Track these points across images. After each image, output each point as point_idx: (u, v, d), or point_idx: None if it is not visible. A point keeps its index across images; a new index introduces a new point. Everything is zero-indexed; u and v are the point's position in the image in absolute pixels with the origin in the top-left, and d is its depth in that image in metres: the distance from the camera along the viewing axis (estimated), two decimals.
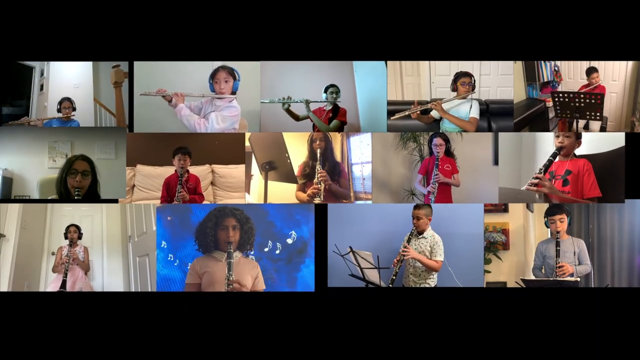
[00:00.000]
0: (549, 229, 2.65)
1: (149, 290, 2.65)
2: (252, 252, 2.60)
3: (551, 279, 2.59)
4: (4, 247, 2.69)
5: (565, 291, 2.63)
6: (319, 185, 2.69)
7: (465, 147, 2.72)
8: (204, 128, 2.68)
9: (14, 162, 2.72)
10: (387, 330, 2.67)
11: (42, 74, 2.77)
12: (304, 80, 2.73)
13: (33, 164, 2.72)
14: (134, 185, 2.78)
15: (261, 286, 2.57)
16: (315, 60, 2.70)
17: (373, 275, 2.60)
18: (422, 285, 2.66)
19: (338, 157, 2.77)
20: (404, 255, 2.63)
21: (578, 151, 2.60)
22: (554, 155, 2.56)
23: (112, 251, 2.76)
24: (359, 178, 2.75)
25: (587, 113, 2.64)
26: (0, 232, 2.69)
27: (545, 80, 2.73)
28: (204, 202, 2.72)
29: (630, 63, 2.66)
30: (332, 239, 2.66)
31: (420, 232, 2.68)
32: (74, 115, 2.75)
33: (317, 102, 2.74)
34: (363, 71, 2.74)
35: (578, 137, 2.60)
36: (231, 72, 2.69)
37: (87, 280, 2.71)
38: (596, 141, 2.62)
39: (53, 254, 2.72)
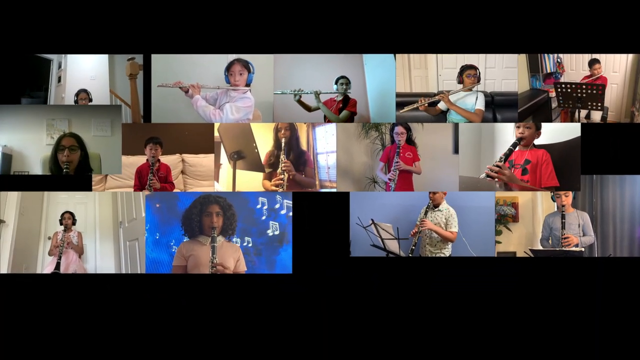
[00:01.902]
0: (555, 203, 2.73)
1: (139, 272, 2.73)
2: (234, 237, 2.69)
3: (557, 249, 2.68)
4: (4, 232, 2.76)
5: (570, 260, 2.71)
6: (282, 176, 2.74)
7: (426, 136, 2.77)
8: (219, 118, 2.74)
9: (13, 139, 2.76)
10: (396, 302, 2.76)
11: (59, 67, 2.82)
12: (316, 72, 2.79)
13: (32, 141, 2.76)
14: (107, 175, 2.82)
15: (243, 268, 2.67)
16: (326, 53, 2.77)
17: (393, 246, 2.70)
18: (438, 255, 2.74)
19: (304, 147, 2.80)
20: (421, 227, 2.73)
21: (537, 140, 2.67)
22: (514, 145, 2.63)
23: (104, 236, 2.82)
24: (324, 167, 2.80)
25: (589, 103, 2.71)
26: (0, 218, 2.75)
27: (548, 71, 2.79)
28: (175, 191, 2.77)
29: (631, 56, 2.73)
30: (355, 212, 2.73)
31: (436, 206, 2.75)
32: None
33: (328, 93, 2.79)
34: (373, 64, 2.79)
35: (538, 128, 2.66)
36: (246, 65, 2.75)
37: (81, 263, 2.78)
38: (553, 131, 2.69)
39: (49, 238, 2.79)
